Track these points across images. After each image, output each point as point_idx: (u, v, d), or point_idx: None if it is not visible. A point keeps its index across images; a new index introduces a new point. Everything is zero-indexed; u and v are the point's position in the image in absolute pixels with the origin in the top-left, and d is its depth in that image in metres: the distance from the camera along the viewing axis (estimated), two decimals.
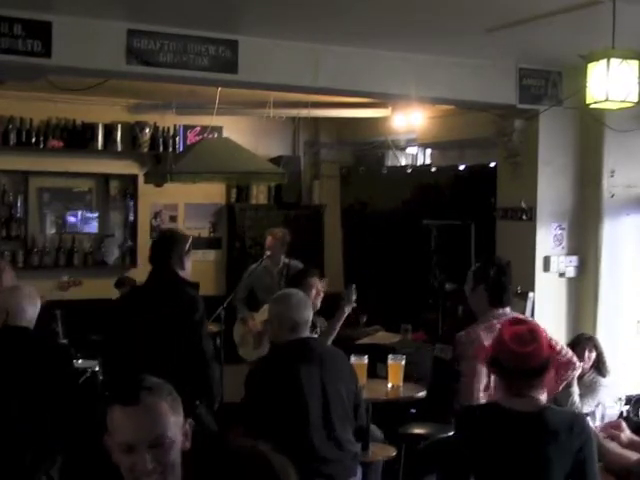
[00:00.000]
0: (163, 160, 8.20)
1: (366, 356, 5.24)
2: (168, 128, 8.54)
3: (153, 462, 2.13)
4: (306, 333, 4.03)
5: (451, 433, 3.48)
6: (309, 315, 4.05)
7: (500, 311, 4.11)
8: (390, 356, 5.30)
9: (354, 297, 5.52)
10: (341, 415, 3.94)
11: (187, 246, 4.79)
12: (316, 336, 4.24)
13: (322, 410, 3.87)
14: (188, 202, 8.81)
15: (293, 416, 3.84)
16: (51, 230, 8.30)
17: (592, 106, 4.41)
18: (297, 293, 4.18)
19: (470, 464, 3.06)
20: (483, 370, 3.77)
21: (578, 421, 2.96)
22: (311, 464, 3.82)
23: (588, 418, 3.30)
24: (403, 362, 5.27)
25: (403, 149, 8.68)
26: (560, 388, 4.22)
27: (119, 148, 8.36)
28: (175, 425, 2.20)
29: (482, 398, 3.88)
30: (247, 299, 7.08)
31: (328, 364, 3.97)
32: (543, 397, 3.05)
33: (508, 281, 4.19)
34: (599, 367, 5.51)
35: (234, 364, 6.56)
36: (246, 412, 3.93)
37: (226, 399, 5.98)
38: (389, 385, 5.24)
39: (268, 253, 7.11)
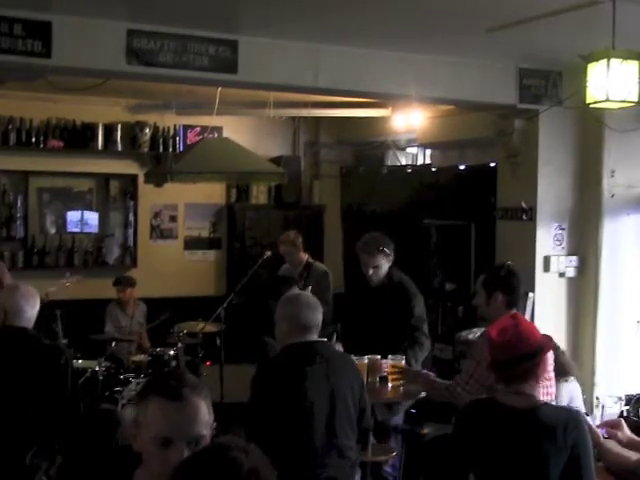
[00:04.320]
0: (163, 160, 8.20)
1: (366, 356, 5.24)
2: (168, 128, 8.54)
3: None
4: (315, 336, 3.96)
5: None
6: (319, 318, 3.95)
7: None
8: (390, 356, 5.29)
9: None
10: (345, 421, 3.91)
11: None
12: (325, 339, 4.18)
13: (327, 415, 3.83)
14: (188, 202, 8.82)
15: (297, 420, 3.81)
16: (51, 230, 8.30)
17: (592, 106, 4.41)
18: (308, 295, 4.11)
19: (468, 460, 3.08)
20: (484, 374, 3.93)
21: (573, 418, 2.97)
22: (311, 469, 3.81)
23: (589, 418, 3.30)
24: (403, 362, 5.26)
25: (403, 149, 8.69)
26: None
27: (119, 148, 8.37)
28: (208, 425, 2.22)
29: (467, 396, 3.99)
30: None
31: (335, 369, 3.91)
32: (538, 392, 3.07)
33: (518, 282, 4.23)
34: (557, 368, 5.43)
35: (234, 364, 6.56)
36: (250, 413, 3.91)
37: (226, 399, 5.99)
38: (389, 385, 5.23)
39: (286, 259, 6.99)
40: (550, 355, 3.18)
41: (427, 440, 5.57)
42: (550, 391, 3.76)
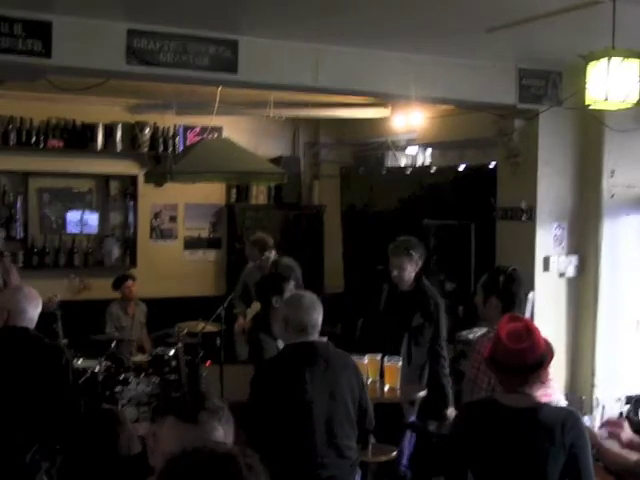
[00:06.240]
0: (163, 160, 8.21)
1: (366, 356, 5.24)
2: (168, 128, 8.55)
3: None
4: (315, 336, 3.97)
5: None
6: (317, 319, 3.97)
7: None
8: (386, 358, 5.28)
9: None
10: (344, 421, 3.91)
11: None
12: (325, 339, 4.19)
13: (326, 415, 3.84)
14: (188, 202, 8.83)
15: (296, 420, 3.82)
16: (51, 230, 8.30)
17: (592, 106, 4.40)
18: (309, 296, 4.09)
19: (467, 459, 3.08)
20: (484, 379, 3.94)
21: (571, 417, 2.99)
22: (311, 469, 3.82)
23: (587, 418, 3.31)
24: (399, 364, 5.26)
25: (403, 149, 8.68)
26: None
27: (119, 148, 8.37)
28: None
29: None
30: (243, 296, 7.09)
31: (334, 368, 3.92)
32: (538, 393, 3.07)
33: (518, 288, 4.20)
34: None
35: (234, 364, 6.57)
36: (250, 413, 3.90)
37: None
38: (386, 387, 5.22)
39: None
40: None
41: (436, 439, 5.57)
42: (549, 392, 3.76)
